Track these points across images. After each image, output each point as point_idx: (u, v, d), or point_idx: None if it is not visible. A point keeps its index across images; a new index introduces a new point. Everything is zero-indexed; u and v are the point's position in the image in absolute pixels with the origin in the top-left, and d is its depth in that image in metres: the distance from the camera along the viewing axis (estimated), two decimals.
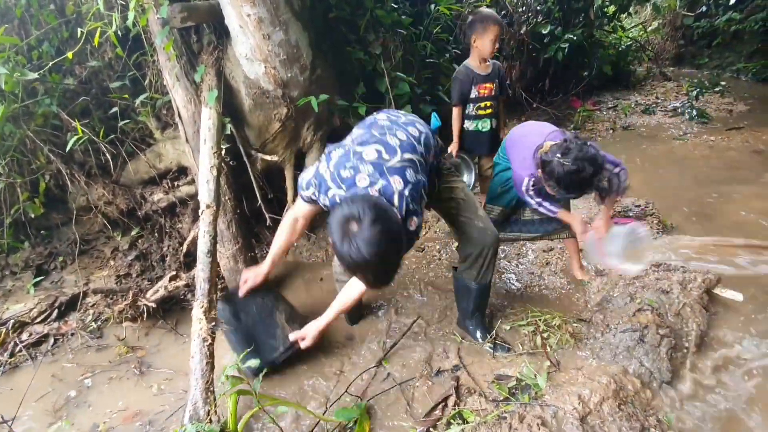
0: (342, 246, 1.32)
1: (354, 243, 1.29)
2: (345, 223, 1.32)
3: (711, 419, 1.66)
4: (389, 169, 1.52)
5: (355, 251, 1.29)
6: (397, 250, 1.42)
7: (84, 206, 2.90)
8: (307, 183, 1.65)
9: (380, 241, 1.29)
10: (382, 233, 1.30)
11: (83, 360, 2.28)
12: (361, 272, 1.39)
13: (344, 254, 1.33)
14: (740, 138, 4.22)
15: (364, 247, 1.28)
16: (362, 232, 1.29)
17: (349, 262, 1.33)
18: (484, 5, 3.99)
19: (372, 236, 1.28)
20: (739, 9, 6.12)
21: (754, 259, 2.43)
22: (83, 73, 2.70)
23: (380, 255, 1.31)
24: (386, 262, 1.38)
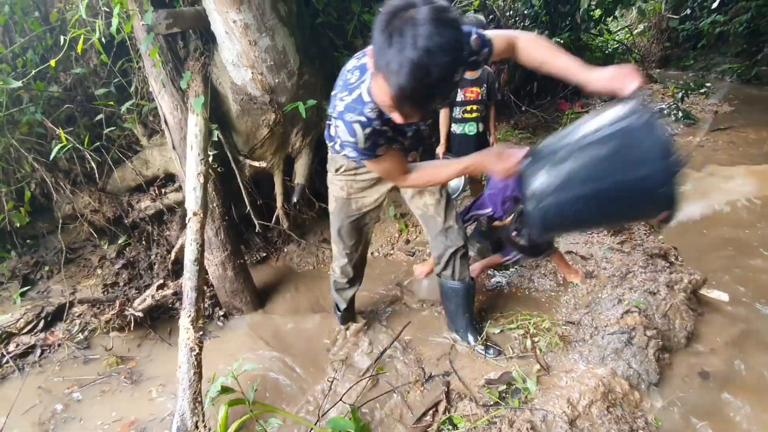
0: (384, 38, 0.98)
1: (415, 28, 0.94)
2: (399, 11, 0.97)
3: (698, 420, 1.67)
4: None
5: (410, 35, 0.94)
6: (458, 53, 1.02)
7: (70, 214, 2.86)
8: (351, 133, 1.32)
9: (444, 25, 0.95)
10: (448, 18, 0.97)
11: (71, 372, 2.24)
12: (404, 74, 0.97)
13: (385, 47, 0.98)
14: (725, 138, 4.29)
15: (426, 27, 0.93)
16: (422, 16, 0.94)
17: (400, 50, 0.95)
18: (471, 10, 4.01)
19: (435, 19, 0.94)
20: (722, 11, 6.24)
21: None
22: (68, 81, 2.67)
23: (446, 47, 0.95)
24: (445, 57, 0.97)
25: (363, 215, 1.88)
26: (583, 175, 1.08)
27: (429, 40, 0.94)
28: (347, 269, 2.04)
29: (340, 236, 1.94)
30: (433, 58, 0.95)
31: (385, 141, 1.39)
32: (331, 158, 1.81)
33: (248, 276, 2.56)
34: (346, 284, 2.12)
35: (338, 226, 1.91)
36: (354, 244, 1.96)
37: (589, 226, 1.56)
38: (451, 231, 1.87)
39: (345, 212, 1.87)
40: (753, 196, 3.10)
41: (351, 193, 1.82)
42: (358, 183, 1.80)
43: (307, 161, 2.87)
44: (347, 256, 1.98)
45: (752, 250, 2.59)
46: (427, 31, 0.94)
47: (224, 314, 2.52)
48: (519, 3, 4.84)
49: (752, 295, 2.24)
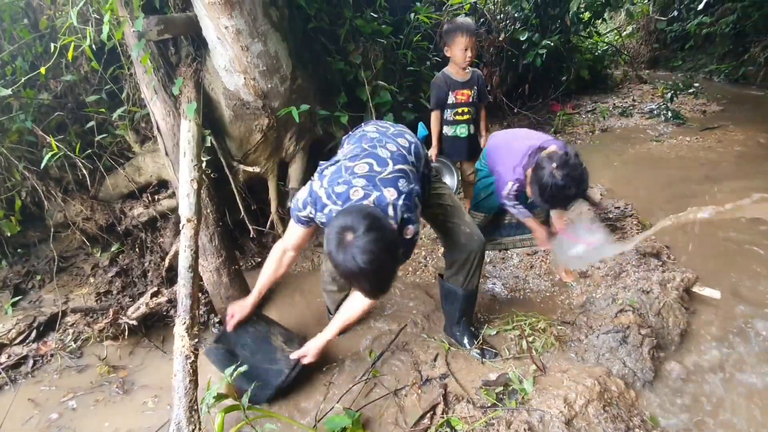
0: (338, 256, 1.34)
1: (349, 252, 1.31)
2: (340, 233, 1.34)
3: (693, 416, 1.69)
4: (382, 180, 1.54)
5: (351, 260, 1.31)
6: (393, 258, 1.42)
7: (61, 223, 2.84)
8: (303, 202, 1.64)
9: (375, 249, 1.31)
10: (377, 241, 1.31)
11: (64, 382, 2.21)
12: (357, 281, 1.39)
13: (340, 264, 1.35)
14: (714, 138, 4.35)
15: (360, 255, 1.30)
16: (357, 241, 1.30)
17: (346, 272, 1.35)
18: (462, 13, 4.04)
19: (366, 244, 1.30)
20: (709, 13, 6.33)
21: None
22: (58, 88, 2.66)
23: (375, 263, 1.32)
24: (382, 270, 1.38)
25: None
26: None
27: (362, 257, 1.31)
28: (336, 275, 2.03)
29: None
30: (369, 267, 1.32)
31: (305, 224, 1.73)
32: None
33: (243, 282, 2.55)
34: (335, 290, 2.13)
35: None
36: None
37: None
38: (469, 236, 1.88)
39: None
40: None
41: None
42: None
43: (301, 165, 2.87)
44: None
45: (742, 247, 2.62)
46: (359, 252, 1.31)
47: (220, 321, 2.50)
48: (509, 6, 4.88)
49: (743, 292, 2.27)
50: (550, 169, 1.80)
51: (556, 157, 1.83)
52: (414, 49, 3.62)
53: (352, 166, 1.58)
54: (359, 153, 1.63)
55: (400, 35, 3.55)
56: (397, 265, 1.47)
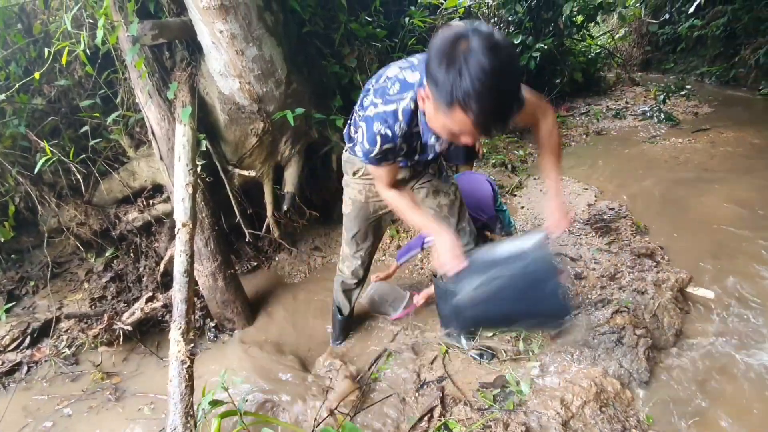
0: (450, 74, 1.00)
1: (470, 59, 0.98)
2: (452, 44, 1.01)
3: (688, 417, 1.70)
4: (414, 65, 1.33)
5: (475, 65, 0.98)
6: (518, 67, 1.15)
7: (55, 228, 2.81)
8: (370, 140, 1.34)
9: (505, 47, 1.02)
10: (501, 41, 1.02)
11: (59, 389, 2.19)
12: (485, 97, 1.00)
13: (457, 77, 1.00)
14: (706, 139, 4.40)
15: (486, 56, 0.97)
16: (479, 41, 0.99)
17: (467, 88, 0.99)
18: (456, 17, 4.07)
19: (491, 43, 0.99)
20: (699, 16, 6.41)
21: None
22: (52, 93, 2.64)
23: (509, 59, 1.02)
24: (513, 78, 1.06)
25: (380, 217, 1.87)
26: (500, 300, 1.38)
27: (490, 58, 0.98)
28: (359, 271, 2.02)
29: (355, 240, 1.91)
30: (502, 81, 1.01)
31: (393, 158, 1.44)
32: (348, 160, 1.77)
33: (239, 286, 2.54)
34: (354, 285, 2.10)
35: (355, 230, 1.88)
36: (369, 246, 1.95)
37: (497, 328, 2.00)
38: (464, 232, 1.86)
39: (363, 215, 1.84)
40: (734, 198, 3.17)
41: (369, 197, 1.79)
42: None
43: (296, 169, 2.87)
44: (360, 258, 1.96)
45: (736, 247, 2.64)
46: (484, 53, 0.98)
47: (215, 325, 2.50)
48: (503, 10, 4.92)
49: (737, 292, 2.29)
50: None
51: None
52: (409, 53, 3.64)
53: (382, 74, 1.39)
54: (381, 72, 1.42)
55: (395, 39, 3.57)
56: (520, 84, 1.16)
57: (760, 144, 4.12)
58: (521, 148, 4.49)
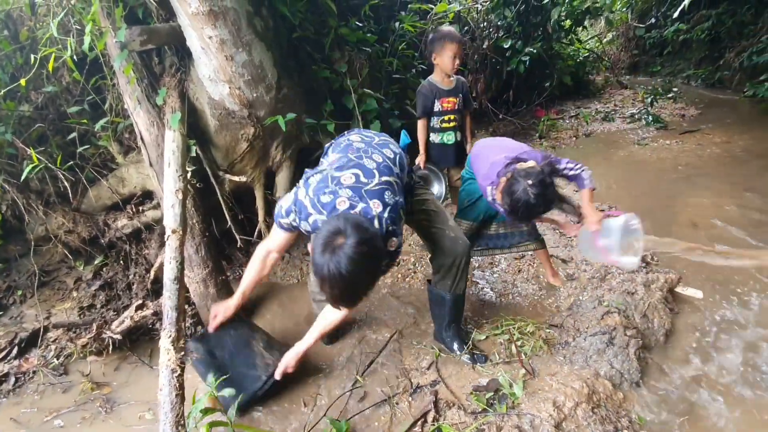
0: (323, 257, 1.33)
1: (336, 256, 1.31)
2: (332, 236, 1.34)
3: (679, 416, 1.71)
4: (368, 192, 1.55)
5: (334, 264, 1.31)
6: (373, 275, 1.44)
7: (43, 236, 2.77)
8: (287, 210, 1.64)
9: (360, 261, 1.31)
10: (364, 255, 1.32)
11: (48, 400, 2.15)
12: (331, 287, 1.37)
13: (321, 265, 1.34)
14: (693, 140, 4.47)
15: (344, 261, 1.30)
16: (346, 248, 1.31)
17: (324, 274, 1.34)
18: (446, 22, 4.10)
19: (354, 254, 1.30)
20: (685, 20, 6.53)
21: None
22: (39, 99, 2.61)
23: (356, 273, 1.32)
24: (360, 283, 1.39)
25: None
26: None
27: (347, 264, 1.31)
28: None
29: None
30: (350, 276, 1.32)
31: (287, 230, 1.75)
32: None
33: (231, 292, 2.51)
34: (324, 299, 2.11)
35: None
36: None
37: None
38: (455, 241, 1.89)
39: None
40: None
41: None
42: None
43: (288, 174, 2.86)
44: None
45: (721, 245, 2.68)
46: (345, 258, 1.31)
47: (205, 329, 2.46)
48: (493, 15, 4.97)
49: (726, 291, 2.32)
50: (524, 185, 1.80)
51: (532, 174, 1.82)
52: (399, 57, 3.66)
53: (339, 176, 1.58)
54: (345, 163, 1.63)
55: (386, 44, 3.58)
56: (372, 283, 1.48)
57: (745, 145, 4.19)
58: None
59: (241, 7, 2.15)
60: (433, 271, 2.01)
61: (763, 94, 4.91)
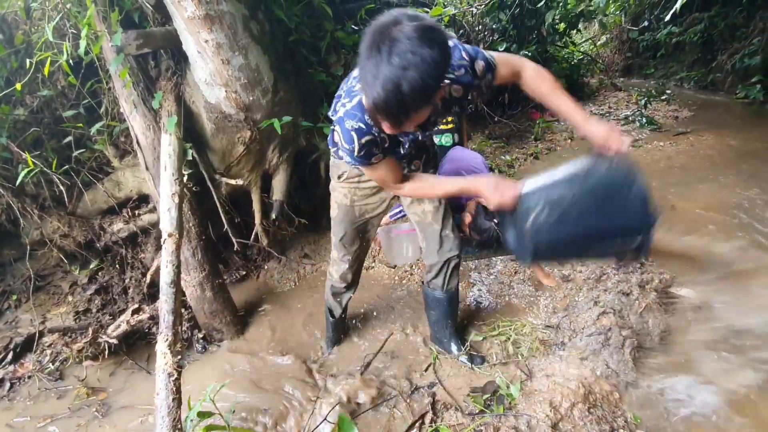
0: (379, 49, 1.01)
1: (390, 41, 1.00)
2: (387, 25, 1.02)
3: (674, 415, 1.73)
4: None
5: (387, 50, 0.99)
6: (438, 71, 1.05)
7: (38, 240, 2.76)
8: (347, 139, 1.34)
9: (423, 44, 1.00)
10: (429, 37, 1.01)
11: (43, 406, 2.14)
12: (396, 88, 1.01)
13: (374, 57, 1.02)
14: (687, 142, 4.50)
15: (404, 43, 0.98)
16: (405, 29, 1.00)
17: (376, 64, 1.01)
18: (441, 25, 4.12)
19: (416, 36, 0.99)
20: (678, 23, 6.59)
21: None
22: (34, 103, 2.61)
23: (419, 60, 0.99)
24: (424, 75, 1.01)
25: (366, 221, 1.88)
26: (575, 217, 1.23)
27: (403, 57, 0.99)
28: (347, 275, 2.02)
29: (342, 243, 1.92)
30: (405, 74, 1.00)
31: (380, 150, 1.40)
32: (334, 164, 1.80)
33: (228, 296, 2.52)
34: (343, 289, 2.10)
35: (341, 234, 1.90)
36: (356, 250, 1.95)
37: (570, 259, 1.76)
38: (447, 239, 1.88)
39: (349, 219, 1.85)
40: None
41: (355, 200, 1.81)
42: (362, 190, 1.78)
43: (285, 177, 2.87)
44: (348, 261, 1.97)
45: (717, 246, 2.70)
46: (404, 47, 0.99)
47: (204, 336, 2.46)
48: (487, 18, 5.00)
49: (719, 290, 2.34)
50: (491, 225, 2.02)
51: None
52: None
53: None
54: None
55: None
56: (432, 90, 1.08)
57: (737, 146, 4.23)
58: (508, 153, 4.55)
59: (237, 11, 2.15)
60: (427, 270, 2.02)
61: (755, 96, 4.96)
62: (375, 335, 2.34)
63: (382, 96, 1.03)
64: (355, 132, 1.33)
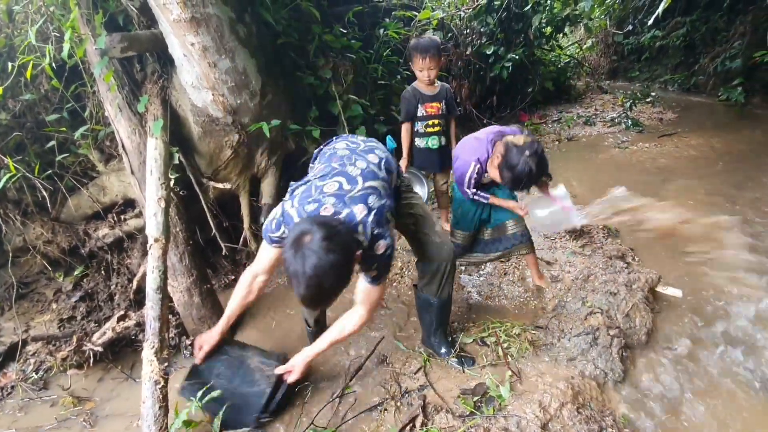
0: (289, 252, 1.37)
1: (300, 253, 1.34)
2: (300, 235, 1.37)
3: (660, 413, 1.75)
4: (351, 198, 1.56)
5: (300, 261, 1.34)
6: (342, 270, 1.41)
7: (21, 247, 2.71)
8: (276, 223, 1.64)
9: (328, 256, 1.33)
10: (329, 251, 1.34)
11: (29, 417, 2.08)
12: (298, 284, 1.38)
13: (289, 262, 1.37)
14: (671, 143, 4.59)
15: (309, 258, 1.33)
16: (312, 245, 1.34)
17: (291, 271, 1.37)
18: (429, 29, 4.15)
19: (321, 248, 1.33)
20: (661, 26, 6.72)
21: None
22: (17, 107, 2.56)
23: (321, 270, 1.33)
24: (324, 281, 1.36)
25: None
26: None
27: (314, 267, 1.33)
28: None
29: None
30: (318, 280, 1.34)
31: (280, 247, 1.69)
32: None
33: (216, 301, 2.49)
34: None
35: None
36: None
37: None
38: (440, 246, 1.91)
39: None
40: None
41: None
42: None
43: (273, 180, 2.85)
44: None
45: (701, 246, 2.75)
46: (313, 260, 1.32)
47: (192, 343, 2.43)
48: (475, 22, 5.05)
49: (702, 289, 2.38)
50: (524, 157, 1.91)
51: (528, 146, 1.94)
52: (384, 64, 3.69)
53: (322, 186, 1.60)
54: (329, 172, 1.65)
55: (370, 50, 3.61)
56: (342, 281, 1.44)
57: (720, 147, 4.32)
58: None
59: (223, 14, 2.14)
60: (419, 275, 2.02)
61: (736, 98, 5.08)
62: (365, 338, 2.33)
63: (305, 293, 1.38)
64: (276, 223, 1.65)
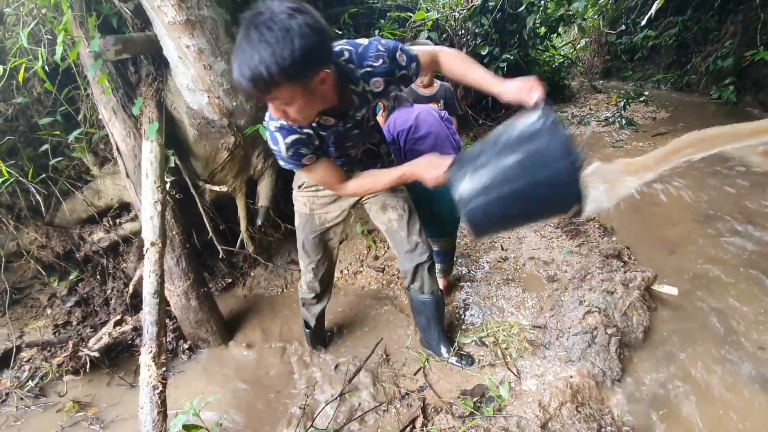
0: (247, 38, 1.05)
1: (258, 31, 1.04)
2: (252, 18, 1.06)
3: (658, 411, 1.76)
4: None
5: (255, 36, 1.03)
6: (310, 30, 1.05)
7: (14, 252, 2.67)
8: (273, 140, 1.33)
9: (293, 17, 1.03)
10: (299, 9, 1.05)
11: (28, 426, 2.06)
12: (257, 64, 1.05)
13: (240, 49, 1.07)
14: (665, 142, 4.61)
15: (274, 18, 1.02)
16: (274, 6, 1.04)
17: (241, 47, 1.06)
18: (425, 30, 4.16)
19: (287, 8, 1.03)
20: (653, 26, 6.78)
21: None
22: (9, 111, 2.53)
23: (291, 25, 1.02)
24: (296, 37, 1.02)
25: (327, 230, 1.89)
26: (501, 178, 1.17)
27: (277, 31, 1.03)
28: (314, 285, 2.03)
29: (305, 251, 1.94)
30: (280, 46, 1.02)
31: (311, 150, 1.38)
32: (297, 174, 1.82)
33: (213, 305, 2.48)
34: (313, 300, 2.10)
35: (302, 241, 1.92)
36: (320, 258, 1.95)
37: (514, 223, 1.57)
38: (417, 245, 1.90)
39: (309, 227, 1.87)
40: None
41: (314, 209, 1.83)
42: (320, 199, 1.81)
43: (270, 183, 2.84)
44: (313, 271, 1.98)
45: (695, 244, 2.77)
46: (278, 22, 1.02)
47: (189, 347, 2.42)
48: (470, 22, 5.06)
49: (698, 286, 2.40)
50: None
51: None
52: None
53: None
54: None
55: None
56: (310, 48, 1.05)
57: None
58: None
59: (219, 16, 2.13)
60: (403, 275, 2.03)
61: (728, 96, 5.13)
62: (364, 340, 2.33)
63: (247, 74, 1.05)
64: (279, 132, 1.32)
